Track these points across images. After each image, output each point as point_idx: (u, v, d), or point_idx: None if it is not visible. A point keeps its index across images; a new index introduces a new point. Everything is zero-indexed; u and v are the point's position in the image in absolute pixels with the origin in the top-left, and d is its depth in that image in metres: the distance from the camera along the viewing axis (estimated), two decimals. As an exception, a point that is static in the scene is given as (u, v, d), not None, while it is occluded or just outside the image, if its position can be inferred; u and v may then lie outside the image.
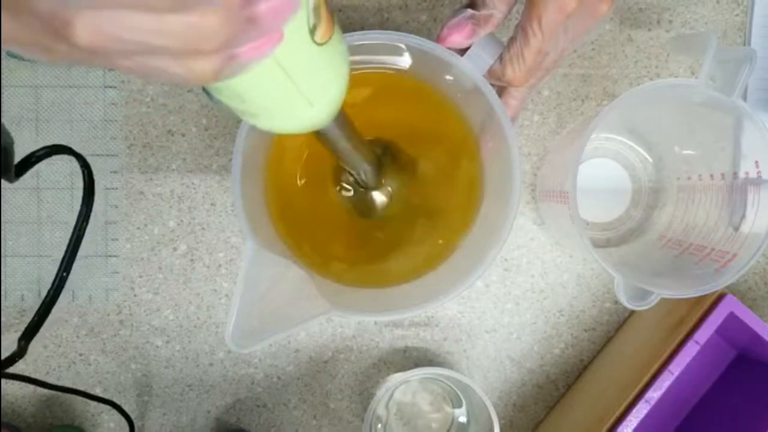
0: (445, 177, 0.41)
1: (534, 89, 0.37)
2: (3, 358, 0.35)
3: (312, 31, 0.22)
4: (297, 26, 0.21)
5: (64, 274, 0.36)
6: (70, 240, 0.35)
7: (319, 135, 0.28)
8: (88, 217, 0.35)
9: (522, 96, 0.36)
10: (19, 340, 0.36)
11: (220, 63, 0.18)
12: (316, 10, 0.22)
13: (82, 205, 0.34)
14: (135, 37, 0.16)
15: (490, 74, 0.35)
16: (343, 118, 0.28)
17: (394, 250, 0.41)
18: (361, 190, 0.39)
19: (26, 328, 0.35)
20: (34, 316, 0.35)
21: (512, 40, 0.33)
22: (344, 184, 0.39)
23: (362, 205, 0.40)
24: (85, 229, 0.35)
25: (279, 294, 0.34)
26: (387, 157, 0.39)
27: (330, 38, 0.23)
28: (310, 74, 0.23)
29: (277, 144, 0.40)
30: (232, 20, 0.17)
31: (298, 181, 0.40)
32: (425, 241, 0.41)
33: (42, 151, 0.33)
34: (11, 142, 0.28)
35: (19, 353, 0.36)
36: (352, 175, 0.37)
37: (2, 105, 0.46)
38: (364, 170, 0.36)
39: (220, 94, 0.23)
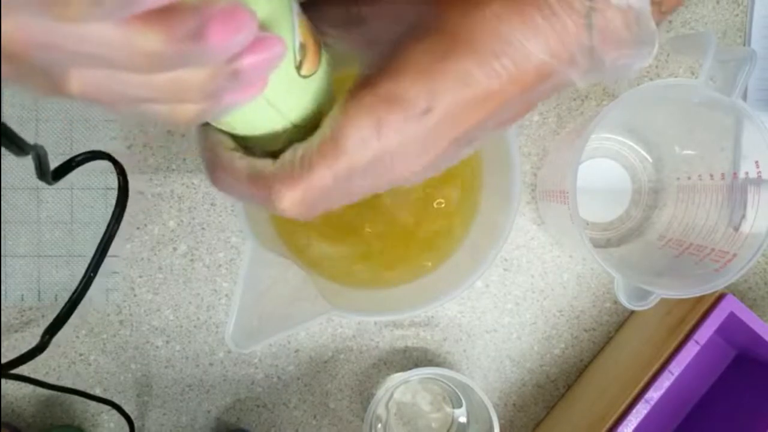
0: (445, 177, 0.41)
1: None
2: (24, 351, 0.37)
3: (298, 67, 0.22)
4: (283, 66, 0.21)
5: (92, 274, 0.38)
6: (101, 241, 0.38)
7: None
8: (120, 218, 0.37)
9: None
10: (43, 334, 0.37)
11: (205, 108, 0.19)
12: (303, 47, 0.21)
13: (115, 208, 0.37)
14: (124, 90, 0.17)
15: None
16: None
17: (394, 250, 0.41)
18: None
19: (51, 324, 0.36)
20: (61, 311, 0.37)
21: None
22: None
23: (360, 204, 0.40)
24: (116, 230, 0.37)
25: (279, 294, 0.35)
26: None
27: (317, 68, 0.23)
28: (296, 104, 0.23)
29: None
30: (217, 75, 0.17)
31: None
32: (425, 241, 0.41)
33: (81, 157, 0.35)
34: (45, 152, 0.30)
35: (41, 347, 0.37)
36: None
37: (2, 105, 0.46)
38: None
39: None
